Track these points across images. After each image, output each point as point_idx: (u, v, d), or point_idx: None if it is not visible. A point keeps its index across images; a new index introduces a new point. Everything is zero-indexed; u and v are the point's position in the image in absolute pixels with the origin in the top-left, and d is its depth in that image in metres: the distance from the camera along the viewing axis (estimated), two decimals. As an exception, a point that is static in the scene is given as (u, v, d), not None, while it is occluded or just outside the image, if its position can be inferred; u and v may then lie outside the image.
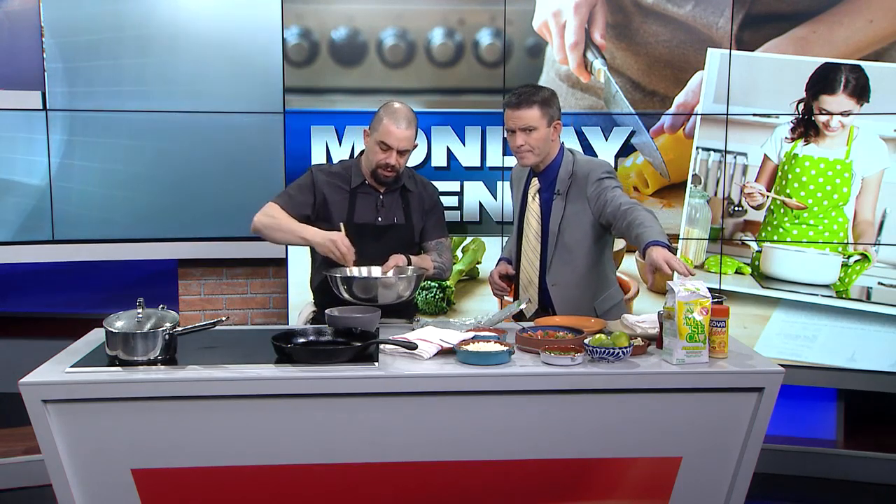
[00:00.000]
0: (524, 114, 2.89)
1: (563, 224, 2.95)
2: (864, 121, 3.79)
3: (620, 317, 2.91)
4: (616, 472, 2.44)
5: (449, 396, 2.35)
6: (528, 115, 2.89)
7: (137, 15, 4.02)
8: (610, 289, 3.06)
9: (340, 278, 2.79)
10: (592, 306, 2.99)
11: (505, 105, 2.95)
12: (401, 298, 2.82)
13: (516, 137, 2.92)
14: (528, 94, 2.90)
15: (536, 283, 3.01)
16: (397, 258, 2.90)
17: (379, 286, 2.76)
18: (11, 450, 3.85)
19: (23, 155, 3.98)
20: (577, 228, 2.94)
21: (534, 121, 2.89)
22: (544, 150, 2.96)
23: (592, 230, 2.94)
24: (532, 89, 2.94)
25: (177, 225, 4.13)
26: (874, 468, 3.89)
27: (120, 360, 2.38)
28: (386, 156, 2.91)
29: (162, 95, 4.04)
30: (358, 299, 2.78)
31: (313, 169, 3.06)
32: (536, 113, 2.89)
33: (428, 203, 3.12)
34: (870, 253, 3.85)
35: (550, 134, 2.94)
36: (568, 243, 2.95)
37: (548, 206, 2.99)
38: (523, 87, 2.97)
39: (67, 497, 2.29)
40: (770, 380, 2.38)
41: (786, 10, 3.85)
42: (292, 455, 2.34)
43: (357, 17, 3.97)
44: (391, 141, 2.89)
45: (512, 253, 3.15)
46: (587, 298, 2.99)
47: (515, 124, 2.91)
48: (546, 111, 2.91)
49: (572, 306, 2.97)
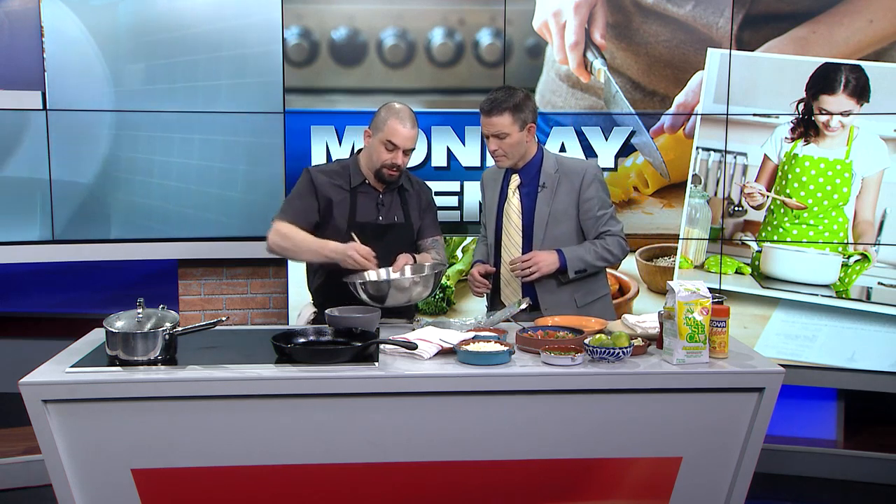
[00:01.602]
0: (496, 121, 2.94)
1: (550, 218, 3.01)
2: (864, 121, 3.79)
3: (605, 313, 2.95)
4: (616, 472, 2.44)
5: (449, 396, 2.35)
6: (500, 122, 2.93)
7: (137, 15, 4.01)
8: (594, 283, 3.09)
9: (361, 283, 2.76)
10: (573, 298, 3.03)
11: (479, 109, 2.98)
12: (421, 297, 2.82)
13: (490, 142, 2.99)
14: (499, 101, 2.94)
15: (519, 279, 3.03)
16: (406, 257, 2.91)
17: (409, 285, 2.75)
18: (11, 450, 3.84)
19: (23, 154, 3.98)
20: (563, 221, 3.01)
21: (505, 127, 2.94)
22: (518, 154, 3.01)
23: (576, 223, 3.03)
24: (504, 95, 2.95)
25: (177, 225, 4.13)
26: (874, 468, 3.89)
27: (120, 360, 2.38)
28: (392, 155, 2.92)
29: (162, 95, 4.03)
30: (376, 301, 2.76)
31: (311, 171, 3.04)
32: (508, 119, 2.93)
33: (424, 202, 3.14)
34: (870, 253, 3.85)
35: (524, 137, 2.99)
36: (553, 235, 3.01)
37: (531, 199, 3.03)
38: (497, 91, 3.00)
39: (67, 497, 2.29)
40: (770, 380, 2.38)
41: (786, 10, 3.85)
42: (292, 455, 2.34)
43: (357, 17, 3.97)
44: (398, 140, 2.90)
45: (486, 254, 3.18)
46: (567, 289, 3.02)
47: (489, 130, 2.97)
48: (518, 116, 2.94)
49: (553, 297, 3.02)
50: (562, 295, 3.02)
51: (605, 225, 3.02)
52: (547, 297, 3.02)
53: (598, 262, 2.99)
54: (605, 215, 3.02)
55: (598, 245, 3.00)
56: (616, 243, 3.01)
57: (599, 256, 2.99)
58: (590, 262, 2.98)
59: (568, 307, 3.01)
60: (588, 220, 3.02)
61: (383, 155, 2.93)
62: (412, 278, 2.79)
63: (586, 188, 3.01)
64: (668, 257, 4.04)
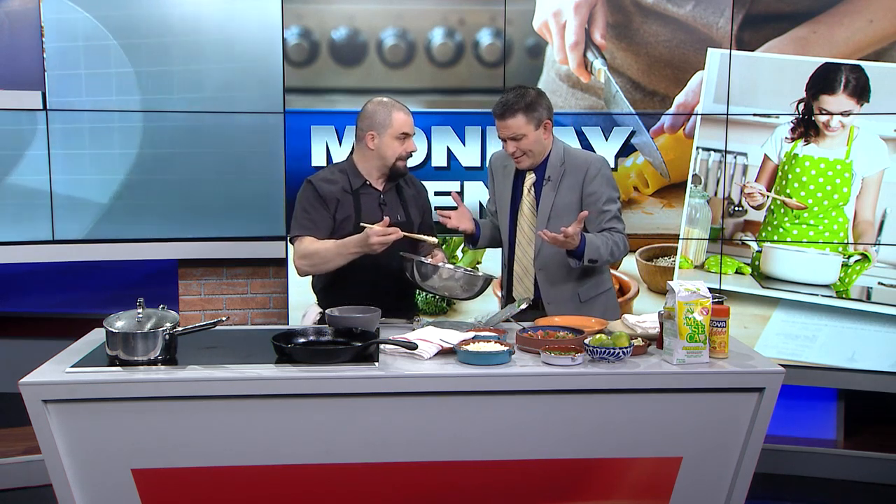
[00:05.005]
0: (510, 123, 2.91)
1: (553, 211, 2.98)
2: (864, 121, 3.79)
3: (608, 307, 2.94)
4: (616, 472, 2.44)
5: (449, 396, 2.35)
6: (514, 124, 2.91)
7: (138, 15, 4.01)
8: (597, 277, 3.06)
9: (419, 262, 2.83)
10: (576, 292, 3.01)
11: (492, 113, 2.96)
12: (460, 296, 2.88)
13: (508, 145, 2.96)
14: (511, 103, 2.90)
15: (532, 273, 3.03)
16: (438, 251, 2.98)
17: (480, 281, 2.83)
18: (11, 450, 3.85)
19: (23, 154, 3.98)
20: (566, 215, 2.95)
21: (520, 128, 2.91)
22: (538, 153, 2.98)
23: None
24: (516, 96, 2.92)
25: (177, 225, 4.13)
26: (874, 468, 3.89)
27: (120, 360, 2.38)
28: (407, 144, 2.96)
29: (162, 95, 4.03)
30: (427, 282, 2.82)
31: (313, 181, 3.01)
32: (521, 120, 2.90)
33: (421, 200, 3.16)
34: (870, 253, 3.85)
35: (541, 135, 2.96)
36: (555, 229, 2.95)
37: (538, 193, 3.01)
38: (508, 92, 2.97)
39: (67, 497, 2.29)
40: (770, 380, 2.38)
41: (786, 10, 3.85)
42: (292, 455, 2.34)
43: (357, 17, 3.97)
44: (409, 128, 2.96)
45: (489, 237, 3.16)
46: (571, 283, 3.00)
47: (504, 133, 2.94)
48: (532, 115, 2.91)
49: (557, 291, 3.00)
50: (565, 289, 3.00)
51: (608, 222, 2.96)
52: (550, 291, 3.00)
53: (608, 256, 2.92)
54: (608, 212, 2.96)
55: (609, 239, 2.92)
56: (622, 240, 2.97)
57: (610, 251, 2.92)
58: (602, 255, 2.89)
59: (571, 302, 2.99)
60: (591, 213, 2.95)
61: (398, 148, 2.95)
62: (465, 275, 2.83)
63: (589, 182, 2.97)
64: (668, 257, 4.04)
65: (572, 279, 3.00)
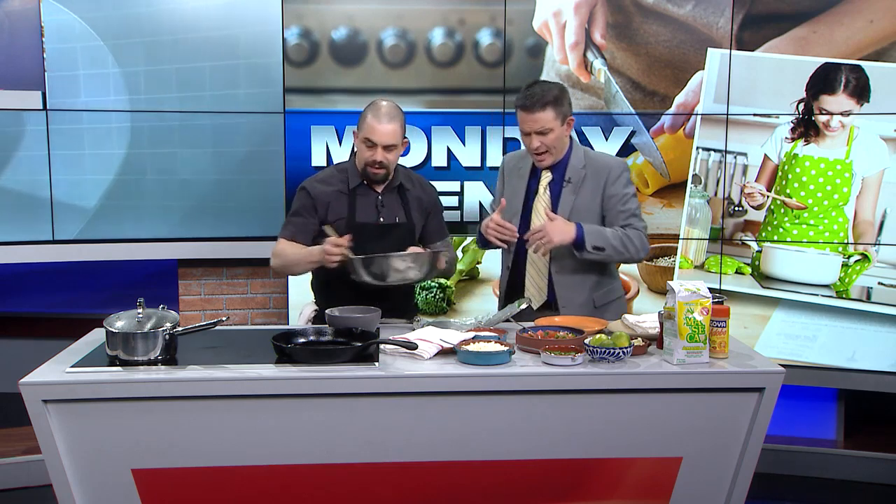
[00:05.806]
0: (539, 116, 2.84)
1: (573, 214, 2.92)
2: (864, 121, 3.79)
3: (620, 314, 2.92)
4: (616, 473, 2.44)
5: (449, 396, 2.35)
6: (543, 118, 2.84)
7: (139, 16, 4.01)
8: (612, 283, 3.05)
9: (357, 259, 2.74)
10: (591, 297, 2.98)
11: (517, 106, 2.89)
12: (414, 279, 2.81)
13: (532, 140, 2.89)
14: (539, 95, 2.84)
15: (546, 274, 2.98)
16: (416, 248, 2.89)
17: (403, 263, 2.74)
18: (11, 450, 3.84)
19: (23, 154, 3.98)
20: (585, 218, 2.91)
21: (549, 122, 2.85)
22: (560, 149, 2.94)
23: (598, 221, 2.94)
24: (542, 89, 2.87)
25: (177, 225, 4.13)
26: (874, 468, 3.89)
27: (120, 360, 2.38)
28: (372, 153, 2.89)
29: (162, 95, 4.03)
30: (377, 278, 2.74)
31: (306, 186, 3.00)
32: (550, 114, 2.85)
33: (428, 202, 3.11)
34: (870, 253, 3.85)
35: (565, 132, 2.92)
36: None
37: (556, 195, 2.96)
38: (533, 85, 2.90)
39: (67, 497, 2.29)
40: (770, 380, 2.38)
41: (786, 10, 3.85)
42: (292, 455, 2.34)
43: (357, 17, 3.97)
44: (375, 137, 2.87)
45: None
46: (587, 288, 2.97)
47: (531, 127, 2.87)
48: (559, 110, 2.86)
49: (573, 294, 2.96)
50: (580, 293, 2.96)
51: (626, 220, 2.91)
52: (565, 295, 2.95)
53: (619, 246, 2.85)
54: (626, 211, 2.92)
55: (619, 230, 2.88)
56: (638, 236, 2.90)
57: (620, 241, 2.85)
58: (609, 242, 2.83)
59: (586, 306, 2.95)
60: (611, 214, 2.92)
61: (365, 153, 2.91)
62: (403, 255, 2.76)
63: (611, 184, 2.93)
64: (668, 257, 4.04)
65: (588, 284, 2.97)
